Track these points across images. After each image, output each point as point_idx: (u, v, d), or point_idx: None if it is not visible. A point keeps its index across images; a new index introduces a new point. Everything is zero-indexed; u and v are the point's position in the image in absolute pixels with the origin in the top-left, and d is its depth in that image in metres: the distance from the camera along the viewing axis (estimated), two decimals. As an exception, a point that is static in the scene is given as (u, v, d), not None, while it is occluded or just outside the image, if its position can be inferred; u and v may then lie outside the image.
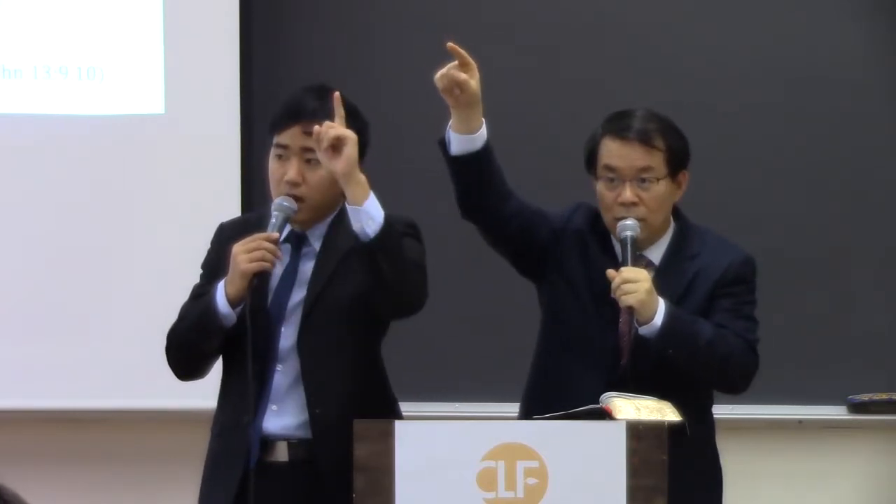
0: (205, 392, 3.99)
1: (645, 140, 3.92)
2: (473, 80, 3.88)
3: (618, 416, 3.53)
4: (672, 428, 3.52)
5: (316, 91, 3.87)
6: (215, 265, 3.88)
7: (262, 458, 3.76)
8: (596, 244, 3.98)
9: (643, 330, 3.82)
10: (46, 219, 5.39)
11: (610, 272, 3.83)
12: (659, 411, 3.57)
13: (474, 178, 3.94)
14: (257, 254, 3.69)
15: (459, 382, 5.41)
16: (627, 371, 3.89)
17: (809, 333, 5.44)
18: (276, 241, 3.73)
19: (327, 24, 5.58)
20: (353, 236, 3.72)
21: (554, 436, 3.48)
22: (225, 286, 3.74)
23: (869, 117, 5.50)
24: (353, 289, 3.77)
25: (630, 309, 3.81)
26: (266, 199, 3.95)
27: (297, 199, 3.79)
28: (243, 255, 3.70)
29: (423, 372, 3.92)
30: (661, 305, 3.81)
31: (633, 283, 3.79)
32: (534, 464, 3.45)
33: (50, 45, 5.41)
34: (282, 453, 3.79)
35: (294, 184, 3.78)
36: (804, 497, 5.52)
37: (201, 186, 5.31)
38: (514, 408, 4.61)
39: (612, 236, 3.99)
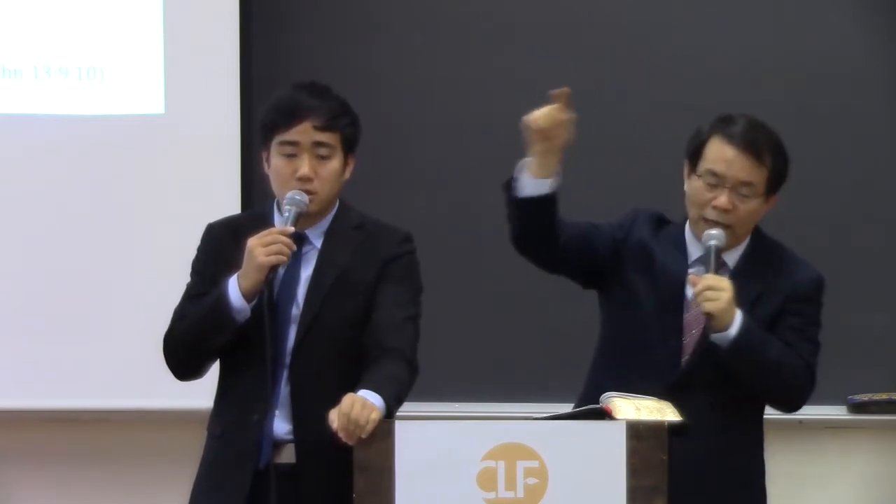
0: (205, 392, 3.98)
1: (757, 155, 3.91)
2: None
3: (618, 416, 3.52)
4: (672, 428, 3.53)
5: (309, 88, 3.88)
6: (208, 266, 3.88)
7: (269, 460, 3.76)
8: (662, 249, 3.99)
9: (716, 337, 3.82)
10: (46, 219, 5.39)
11: (692, 278, 3.84)
12: (659, 411, 3.57)
13: (538, 220, 3.91)
14: (275, 247, 3.70)
15: (459, 382, 5.41)
16: (686, 378, 3.88)
17: (809, 333, 5.44)
18: (290, 235, 3.74)
19: (327, 25, 5.58)
20: (348, 247, 3.80)
21: (554, 436, 3.48)
22: (238, 280, 3.74)
23: (869, 117, 5.50)
24: (348, 314, 3.78)
25: (709, 316, 3.79)
26: (266, 199, 3.96)
27: (310, 192, 3.80)
28: (260, 248, 3.70)
29: (422, 372, 3.91)
30: (738, 316, 3.82)
31: (716, 291, 3.79)
32: (534, 464, 3.45)
33: (50, 45, 5.41)
34: (288, 455, 3.79)
35: (307, 179, 3.80)
36: (804, 497, 5.53)
37: (201, 186, 5.31)
38: (514, 408, 4.63)
39: (685, 233, 4.00)
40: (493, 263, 5.33)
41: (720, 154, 3.91)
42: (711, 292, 3.79)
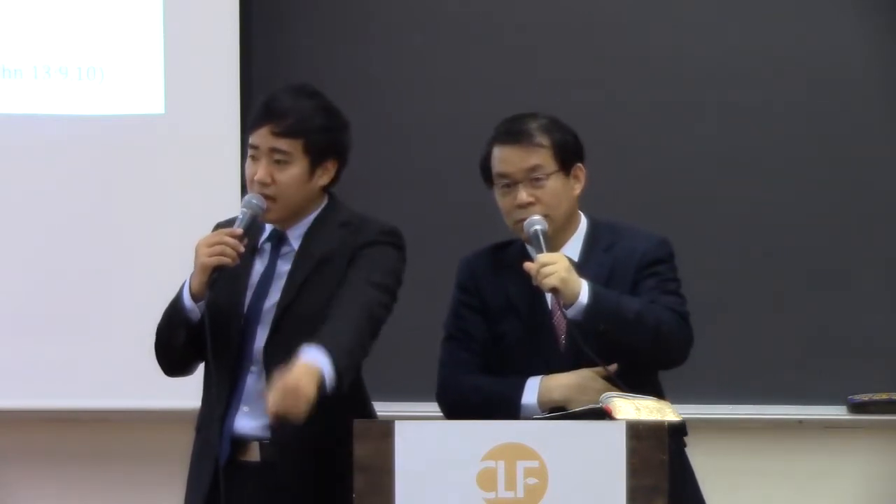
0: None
1: (527, 140, 3.94)
2: None
3: (618, 416, 3.53)
4: (672, 428, 3.53)
5: (293, 91, 3.87)
6: None
7: (235, 457, 3.77)
8: (508, 278, 3.99)
9: (570, 312, 3.80)
10: (46, 219, 5.39)
11: (527, 264, 3.84)
12: (659, 411, 3.57)
13: None
14: (217, 248, 3.72)
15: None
16: (568, 361, 3.88)
17: (809, 333, 5.44)
18: (239, 237, 3.74)
19: (327, 25, 5.58)
20: (330, 242, 3.79)
21: (554, 436, 3.48)
22: (190, 280, 3.76)
23: (869, 117, 5.49)
24: (323, 299, 3.77)
25: (555, 291, 3.79)
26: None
27: (269, 198, 3.80)
28: (204, 248, 3.73)
29: (423, 372, 3.91)
30: (584, 284, 3.81)
31: (551, 265, 3.79)
32: (534, 464, 3.45)
33: (50, 45, 5.42)
34: (254, 453, 3.79)
35: (263, 184, 3.80)
36: (804, 497, 5.53)
37: (201, 186, 5.31)
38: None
39: (525, 245, 4.00)
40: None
41: (498, 157, 3.96)
42: (547, 268, 3.78)
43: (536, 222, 3.89)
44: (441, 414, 3.98)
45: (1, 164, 5.42)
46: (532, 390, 3.86)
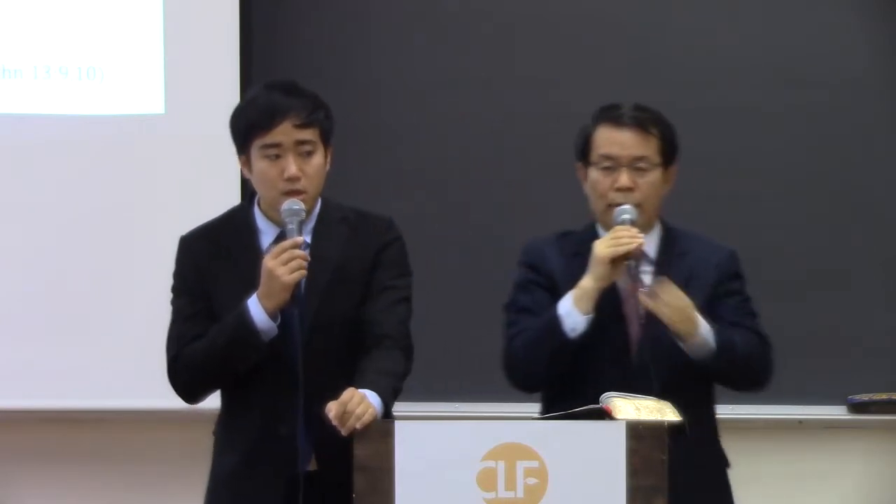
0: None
1: (641, 126, 3.98)
2: None
3: (618, 416, 3.53)
4: (672, 428, 3.53)
5: (281, 87, 3.86)
6: (195, 282, 3.86)
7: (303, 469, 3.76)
8: (575, 256, 4.00)
9: (695, 353, 3.86)
10: (46, 219, 5.39)
11: (643, 299, 3.85)
12: (659, 411, 3.57)
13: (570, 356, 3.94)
14: (294, 263, 3.70)
15: (459, 382, 5.41)
16: (638, 369, 3.89)
17: (809, 333, 5.44)
18: (301, 246, 3.74)
19: (327, 24, 5.58)
20: (339, 242, 3.81)
21: (554, 436, 3.48)
22: (261, 301, 3.72)
23: (870, 119, 5.50)
24: (347, 308, 3.80)
25: (664, 320, 3.83)
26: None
27: (300, 192, 3.80)
28: (281, 267, 3.69)
29: (422, 372, 3.91)
30: (703, 324, 3.86)
31: (677, 304, 3.84)
32: (534, 464, 3.45)
33: (50, 45, 5.42)
34: (312, 462, 3.76)
35: (296, 178, 3.80)
36: (804, 497, 5.53)
37: (201, 186, 5.31)
38: (514, 408, 4.63)
39: (599, 233, 4.00)
40: (491, 262, 5.33)
41: (609, 137, 3.98)
42: (671, 301, 3.82)
43: (627, 212, 3.91)
44: (441, 414, 3.98)
45: (1, 164, 5.42)
46: (566, 297, 3.88)
